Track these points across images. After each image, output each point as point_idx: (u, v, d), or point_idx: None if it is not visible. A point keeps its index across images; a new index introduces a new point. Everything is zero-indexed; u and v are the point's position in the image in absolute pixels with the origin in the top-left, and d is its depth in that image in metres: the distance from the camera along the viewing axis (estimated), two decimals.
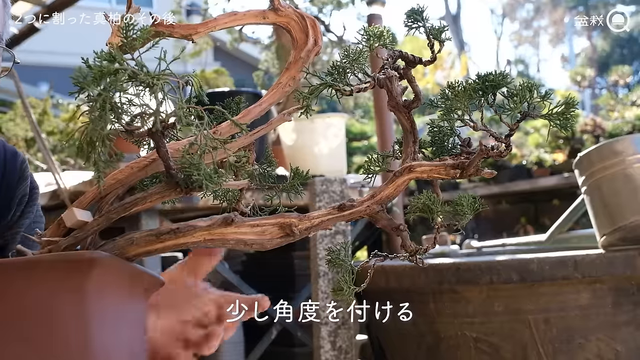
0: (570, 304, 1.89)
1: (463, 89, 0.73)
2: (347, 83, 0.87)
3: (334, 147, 3.03)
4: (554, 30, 22.58)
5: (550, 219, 4.46)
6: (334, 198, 2.22)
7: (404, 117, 0.89)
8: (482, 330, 1.94)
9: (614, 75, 5.19)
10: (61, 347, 0.75)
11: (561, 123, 0.65)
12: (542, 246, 2.50)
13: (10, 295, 0.75)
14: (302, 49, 0.89)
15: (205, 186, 0.78)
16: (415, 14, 0.74)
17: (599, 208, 1.96)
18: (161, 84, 0.75)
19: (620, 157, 1.91)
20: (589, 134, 4.42)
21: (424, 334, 2.05)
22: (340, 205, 0.89)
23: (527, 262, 1.89)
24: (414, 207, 0.88)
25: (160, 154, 0.81)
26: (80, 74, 0.70)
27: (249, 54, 10.47)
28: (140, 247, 0.84)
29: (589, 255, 1.90)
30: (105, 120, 0.72)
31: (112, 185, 0.87)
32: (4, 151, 1.08)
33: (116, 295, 0.82)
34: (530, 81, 0.65)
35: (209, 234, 0.85)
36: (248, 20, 0.92)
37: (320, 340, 2.12)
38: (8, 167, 1.08)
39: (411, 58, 0.81)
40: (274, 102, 0.93)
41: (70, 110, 3.68)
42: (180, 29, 0.89)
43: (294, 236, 0.88)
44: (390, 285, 2.02)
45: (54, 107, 4.07)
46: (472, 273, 1.93)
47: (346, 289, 0.90)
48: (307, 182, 1.00)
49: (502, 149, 0.84)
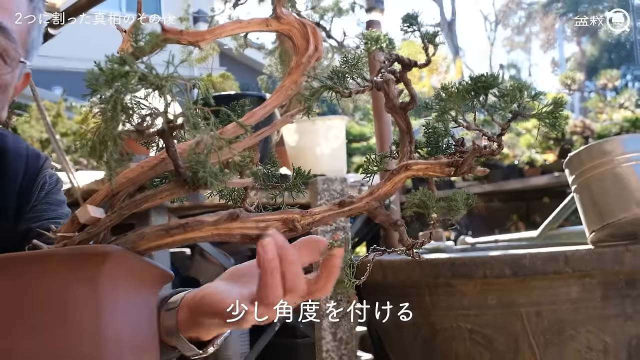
0: (561, 297, 1.92)
1: (456, 90, 0.76)
2: (346, 86, 0.90)
3: (334, 148, 3.08)
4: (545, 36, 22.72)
5: (540, 217, 4.51)
6: (334, 196, 2.25)
7: (401, 118, 0.93)
8: (477, 323, 1.97)
9: (602, 78, 5.25)
10: (74, 338, 0.77)
11: (550, 122, 0.68)
12: (533, 242, 2.54)
13: (24, 287, 0.78)
14: (304, 55, 0.92)
15: (210, 183, 0.80)
16: (410, 19, 0.77)
17: (588, 206, 2.00)
18: (169, 86, 0.78)
19: (609, 157, 1.94)
20: (578, 135, 4.48)
21: (420, 326, 2.09)
22: (341, 201, 0.93)
23: (519, 257, 1.93)
24: (411, 203, 0.92)
25: (169, 153, 0.84)
26: (93, 76, 0.73)
27: (253, 59, 10.51)
28: (150, 241, 0.87)
29: (579, 250, 1.93)
30: (117, 120, 0.76)
31: (124, 184, 0.90)
32: (27, 152, 1.16)
33: (128, 288, 0.85)
34: (521, 82, 0.69)
35: (215, 228, 0.88)
36: (252, 28, 0.95)
37: (322, 332, 2.16)
38: (30, 166, 1.15)
39: (407, 61, 0.84)
40: (278, 104, 0.96)
41: (83, 113, 3.73)
42: (188, 36, 0.93)
43: (296, 231, 0.91)
44: (387, 279, 2.06)
45: (67, 110, 4.12)
46: (466, 268, 1.97)
47: (347, 282, 0.93)
48: (308, 181, 1.03)
49: (494, 147, 0.88)
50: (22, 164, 1.14)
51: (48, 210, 1.14)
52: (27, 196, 1.13)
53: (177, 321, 0.98)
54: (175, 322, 0.97)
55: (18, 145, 1.16)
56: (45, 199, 1.15)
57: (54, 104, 3.87)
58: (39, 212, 1.13)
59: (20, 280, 0.77)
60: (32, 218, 1.12)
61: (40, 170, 1.17)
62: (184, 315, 0.97)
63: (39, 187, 1.15)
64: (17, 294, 0.76)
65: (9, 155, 1.13)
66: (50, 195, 1.17)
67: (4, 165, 1.12)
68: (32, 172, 1.15)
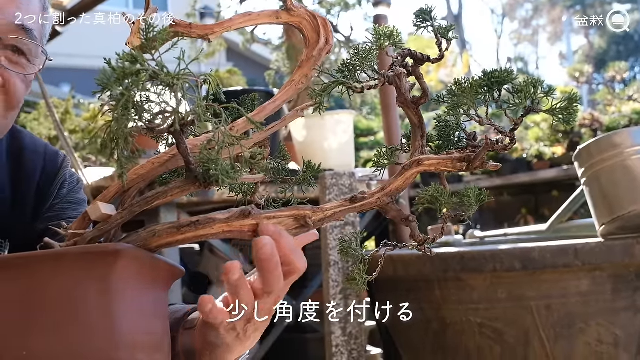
0: (571, 290, 1.92)
1: (470, 86, 0.76)
2: (358, 80, 0.90)
3: (342, 143, 3.08)
4: (552, 28, 22.65)
5: (549, 210, 4.49)
6: (343, 191, 2.25)
7: (412, 112, 0.92)
8: (487, 317, 1.97)
9: (611, 71, 5.22)
10: (88, 336, 0.77)
11: (564, 118, 0.68)
12: (543, 235, 2.53)
13: (38, 286, 0.78)
14: (314, 48, 0.92)
15: (222, 181, 0.80)
16: (424, 14, 0.77)
17: (598, 198, 1.99)
18: (181, 84, 0.78)
19: (619, 150, 1.94)
20: (587, 128, 4.46)
21: (430, 320, 2.09)
22: (352, 197, 0.92)
23: (529, 251, 1.93)
24: (422, 199, 0.91)
25: (180, 150, 0.84)
26: (104, 74, 0.73)
27: (260, 54, 10.55)
28: (162, 238, 0.87)
29: (589, 243, 1.93)
30: (128, 118, 0.75)
31: (134, 180, 0.90)
32: (45, 150, 1.15)
33: (140, 285, 0.85)
34: (534, 78, 0.68)
35: (227, 225, 0.88)
36: (262, 20, 0.95)
37: (332, 327, 2.16)
38: (48, 165, 1.13)
39: (419, 56, 0.83)
40: (288, 99, 0.95)
41: (91, 110, 3.76)
42: (197, 29, 0.92)
43: (308, 227, 0.91)
44: (397, 273, 2.06)
45: (75, 107, 4.14)
46: (476, 261, 1.96)
47: (359, 279, 0.93)
48: (318, 175, 1.03)
49: (507, 142, 0.87)
50: (40, 162, 1.12)
51: (69, 209, 1.13)
52: (45, 195, 1.11)
53: (194, 341, 0.96)
54: (193, 342, 0.96)
55: (35, 143, 1.15)
56: (66, 198, 1.13)
57: (62, 101, 3.89)
58: (59, 210, 1.12)
59: (34, 279, 0.77)
60: (51, 217, 1.10)
61: (60, 169, 1.15)
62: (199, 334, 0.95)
63: (59, 186, 1.13)
64: (30, 293, 0.76)
65: (26, 153, 1.11)
66: (72, 194, 1.15)
67: (22, 164, 1.11)
68: (51, 171, 1.13)
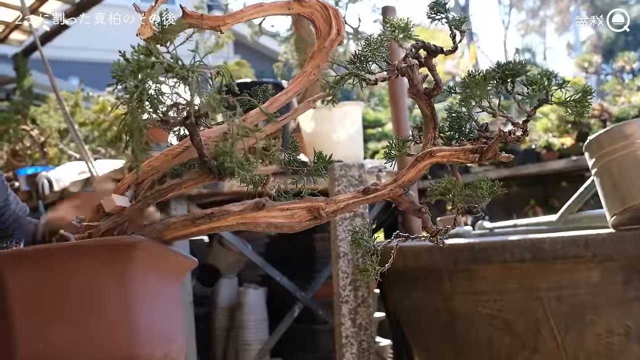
0: (582, 281, 1.91)
1: (483, 78, 0.76)
2: (370, 71, 0.90)
3: (351, 134, 3.08)
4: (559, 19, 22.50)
5: (558, 201, 4.48)
6: (352, 182, 2.25)
7: (425, 104, 0.92)
8: (496, 307, 1.97)
9: (620, 61, 5.18)
10: (105, 327, 0.78)
11: (578, 110, 0.68)
12: (553, 226, 2.52)
13: (55, 278, 0.79)
14: (326, 39, 0.92)
15: (237, 173, 0.81)
16: (438, 6, 0.77)
17: (609, 189, 1.98)
18: (196, 77, 0.78)
19: (630, 140, 1.92)
20: (596, 118, 4.43)
21: (440, 311, 2.09)
22: (365, 189, 0.93)
23: (539, 242, 1.92)
24: (435, 191, 0.91)
25: (194, 142, 0.84)
26: (118, 67, 0.73)
27: (267, 47, 10.59)
28: (177, 230, 0.87)
29: (600, 234, 1.92)
30: (142, 110, 0.76)
31: (148, 172, 0.90)
32: None
33: (155, 276, 0.86)
34: (548, 70, 0.68)
35: (241, 217, 0.88)
36: (273, 11, 0.95)
37: (341, 317, 2.17)
38: None
39: (433, 48, 0.84)
40: (300, 90, 0.95)
41: (100, 102, 3.79)
42: (209, 20, 0.92)
43: (321, 219, 0.92)
44: (407, 264, 2.06)
45: (84, 100, 4.19)
46: (486, 252, 1.96)
47: (371, 270, 0.93)
48: (328, 166, 1.03)
49: (519, 133, 0.87)
50: None
51: None
52: None
53: None
54: None
55: None
56: None
57: (72, 94, 3.93)
58: None
59: (51, 272, 0.78)
60: None
61: None
62: None
63: None
64: (48, 285, 0.78)
65: None
66: None
67: None
68: None
